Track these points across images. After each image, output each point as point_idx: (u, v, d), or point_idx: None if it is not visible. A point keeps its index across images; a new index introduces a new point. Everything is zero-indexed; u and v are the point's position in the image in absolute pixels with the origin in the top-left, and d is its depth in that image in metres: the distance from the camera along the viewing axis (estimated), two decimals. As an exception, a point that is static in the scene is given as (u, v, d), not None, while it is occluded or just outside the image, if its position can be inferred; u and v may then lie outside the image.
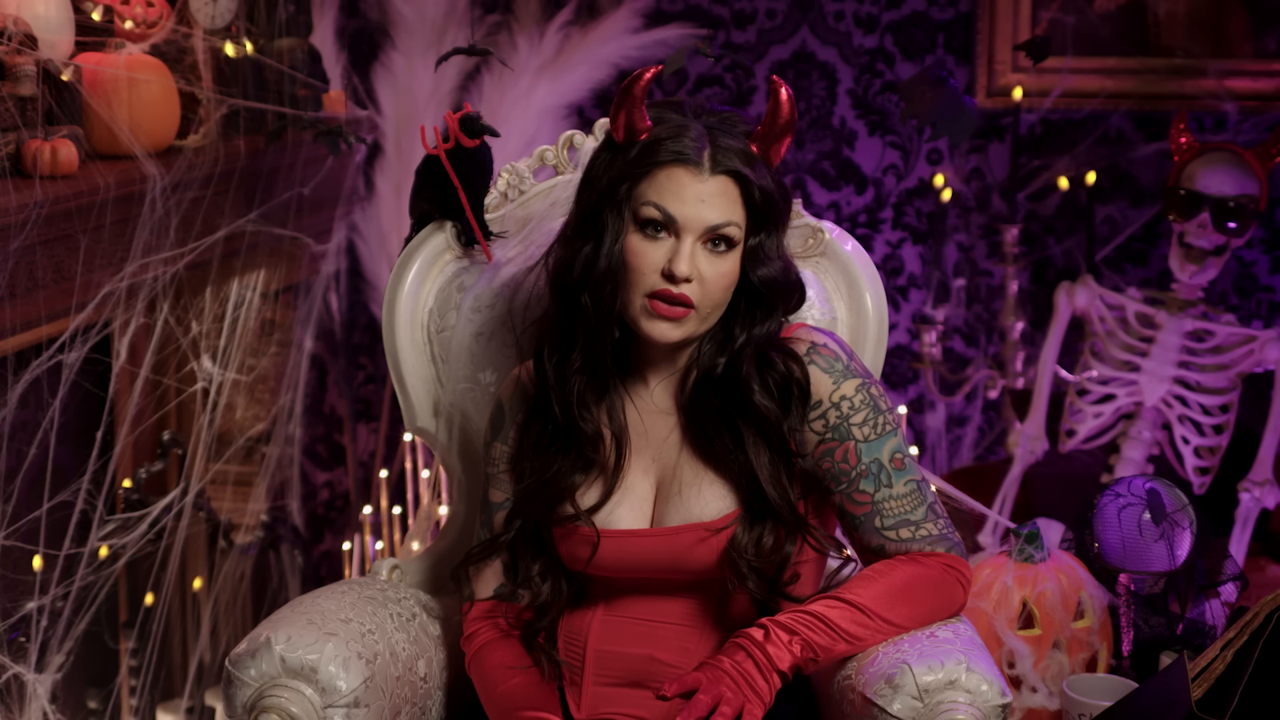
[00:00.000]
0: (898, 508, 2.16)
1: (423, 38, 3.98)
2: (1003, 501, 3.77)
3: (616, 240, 2.12)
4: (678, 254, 2.09)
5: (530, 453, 2.23)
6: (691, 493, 2.17)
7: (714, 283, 2.11)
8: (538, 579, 2.24)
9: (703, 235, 2.10)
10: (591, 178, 2.18)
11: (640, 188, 2.11)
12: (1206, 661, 2.31)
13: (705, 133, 2.12)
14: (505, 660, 2.23)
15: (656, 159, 2.10)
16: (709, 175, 2.10)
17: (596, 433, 2.19)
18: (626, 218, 2.12)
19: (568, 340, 2.18)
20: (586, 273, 2.13)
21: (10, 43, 2.76)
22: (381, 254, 4.06)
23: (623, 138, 2.14)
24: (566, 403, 2.18)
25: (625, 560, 2.19)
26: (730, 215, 2.11)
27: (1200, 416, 3.65)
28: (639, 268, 2.11)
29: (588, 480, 2.20)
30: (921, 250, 4.30)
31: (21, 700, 2.89)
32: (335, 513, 4.55)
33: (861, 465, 2.15)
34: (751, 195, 2.12)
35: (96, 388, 3.10)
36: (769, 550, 2.12)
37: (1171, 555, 2.73)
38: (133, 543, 3.15)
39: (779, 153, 2.15)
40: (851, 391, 2.16)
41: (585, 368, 2.17)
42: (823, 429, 2.16)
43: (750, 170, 2.11)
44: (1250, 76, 4.07)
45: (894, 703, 2.03)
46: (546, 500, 2.20)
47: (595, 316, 2.14)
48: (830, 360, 2.17)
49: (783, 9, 4.25)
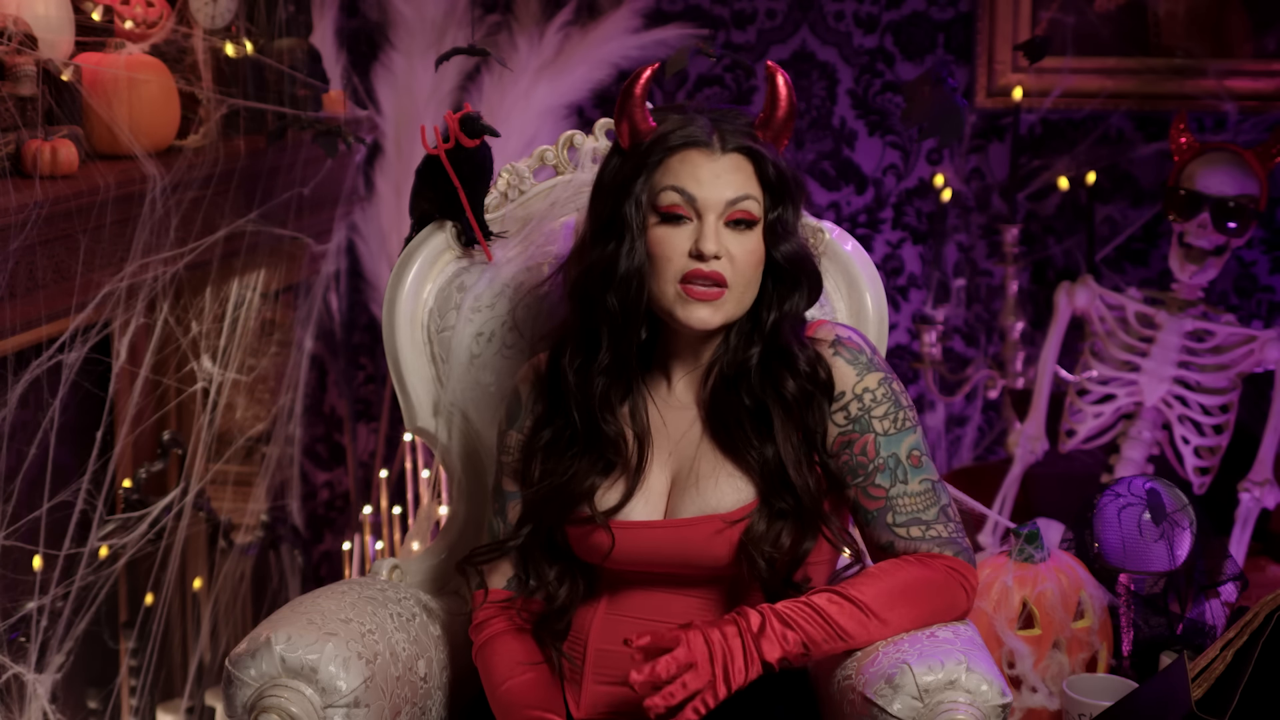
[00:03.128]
0: (911, 505, 2.16)
1: (423, 38, 3.98)
2: (1003, 501, 3.77)
3: (639, 236, 2.12)
4: (703, 233, 2.10)
5: (541, 456, 2.23)
6: (709, 484, 2.17)
7: (743, 259, 2.11)
8: (554, 583, 2.24)
9: (724, 213, 2.11)
10: (604, 183, 2.18)
11: (656, 177, 2.12)
12: (1206, 661, 2.31)
13: (710, 121, 2.14)
14: (515, 655, 2.22)
15: (668, 145, 2.12)
16: (721, 154, 2.12)
17: (619, 434, 2.19)
18: (646, 211, 2.13)
19: (592, 343, 2.17)
20: (610, 273, 2.13)
21: (10, 43, 2.76)
22: (381, 254, 4.06)
23: (629, 141, 2.16)
24: (588, 405, 2.17)
25: (638, 553, 2.18)
26: (747, 189, 2.12)
27: (1200, 416, 3.64)
28: (667, 255, 2.11)
29: (607, 481, 2.20)
30: (921, 250, 4.30)
31: (21, 700, 2.89)
32: (335, 513, 4.55)
33: (879, 459, 2.16)
34: (765, 170, 2.13)
35: (96, 388, 3.10)
36: (786, 544, 2.12)
37: (1171, 555, 2.73)
38: (133, 543, 3.15)
39: (783, 140, 2.17)
40: (874, 384, 2.17)
41: (611, 368, 2.17)
42: (844, 420, 2.16)
43: (762, 147, 2.13)
44: (1250, 76, 4.07)
45: (894, 703, 2.03)
46: (563, 503, 2.20)
47: (623, 315, 2.14)
48: (855, 353, 2.18)
49: (783, 9, 4.25)
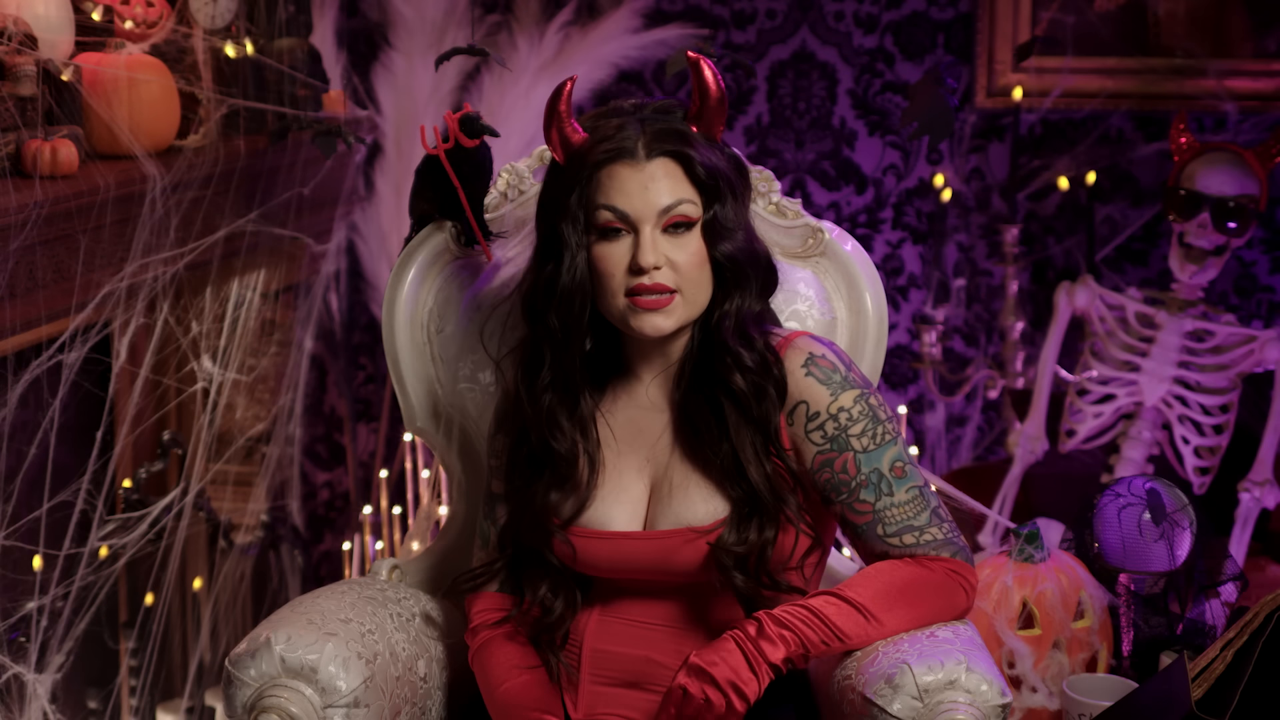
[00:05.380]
0: (900, 515, 2.16)
1: (423, 38, 3.98)
2: (1003, 501, 3.77)
3: (578, 253, 2.14)
4: (640, 246, 2.11)
5: (517, 472, 2.24)
6: (680, 495, 2.17)
7: (685, 263, 2.12)
8: (549, 595, 2.25)
9: (659, 222, 2.11)
10: (543, 201, 2.20)
11: (588, 194, 2.14)
12: (1206, 661, 2.31)
13: (639, 124, 2.14)
14: (512, 658, 2.23)
15: (594, 161, 2.13)
16: (646, 161, 2.12)
17: (570, 450, 2.19)
18: (583, 228, 2.14)
19: (537, 360, 2.19)
20: (550, 291, 2.15)
21: (10, 43, 2.76)
22: (381, 254, 4.06)
23: (562, 155, 2.17)
24: (538, 422, 2.19)
25: (616, 561, 2.20)
26: (678, 194, 2.12)
27: (1200, 416, 3.64)
28: (609, 271, 2.13)
29: (563, 495, 2.21)
30: (921, 250, 4.30)
31: (21, 700, 2.89)
32: (335, 513, 4.55)
33: (861, 475, 2.15)
34: (695, 171, 2.13)
35: (96, 388, 3.09)
36: (753, 539, 2.12)
37: (1171, 555, 2.73)
38: (133, 543, 3.15)
39: (718, 128, 2.17)
40: (850, 403, 2.15)
41: (555, 383, 2.19)
42: (821, 439, 2.15)
43: (688, 147, 2.13)
44: (1250, 76, 4.07)
45: (894, 703, 2.03)
46: (531, 522, 2.22)
47: (563, 332, 2.16)
48: (828, 371, 2.16)
49: (783, 9, 4.25)
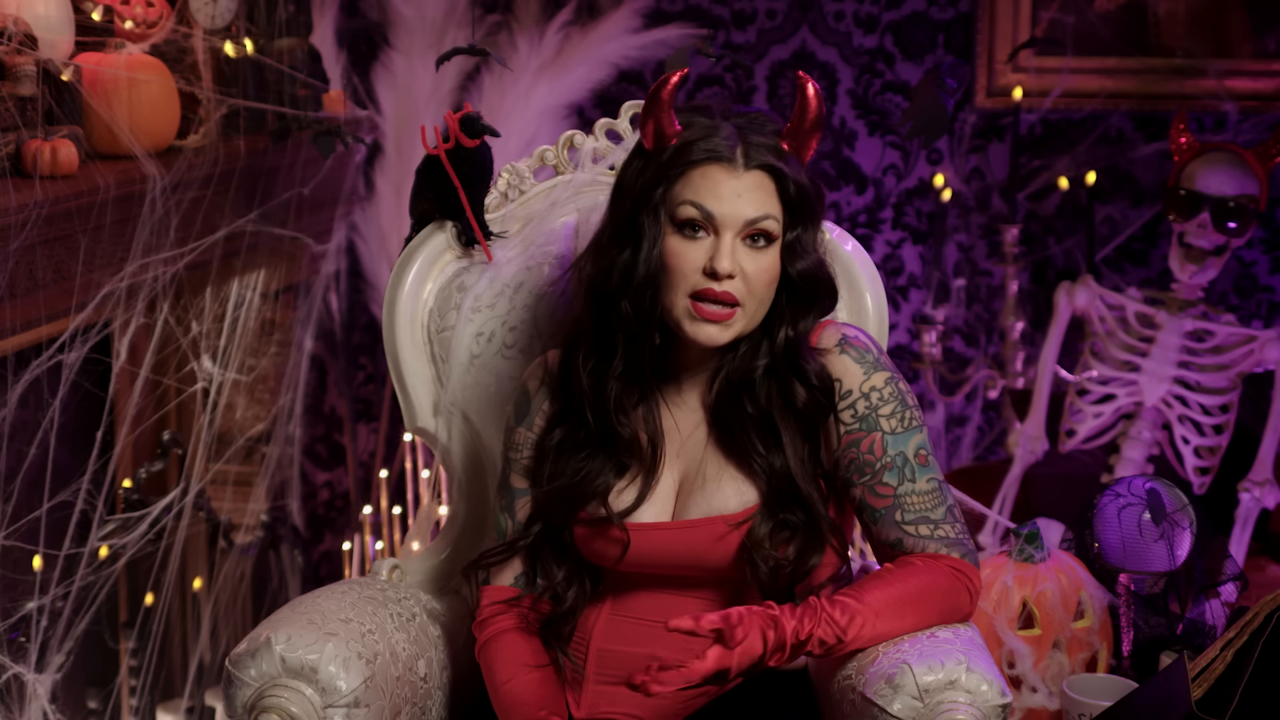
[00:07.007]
0: (919, 503, 2.16)
1: (423, 38, 3.98)
2: (1003, 501, 3.77)
3: (655, 245, 2.12)
4: (719, 251, 2.09)
5: (554, 455, 2.23)
6: (714, 486, 2.17)
7: (756, 278, 2.11)
8: (562, 584, 2.24)
9: (741, 231, 2.10)
10: (624, 185, 2.17)
11: (676, 189, 2.12)
12: (1206, 661, 2.31)
13: (736, 131, 2.13)
14: (519, 654, 2.23)
15: (690, 159, 2.11)
16: (744, 171, 2.11)
17: (634, 436, 2.19)
18: (664, 221, 2.12)
19: (606, 347, 2.17)
20: (626, 279, 2.13)
21: (10, 43, 2.76)
22: (381, 254, 4.06)
23: (653, 144, 2.15)
24: (603, 408, 2.18)
25: (646, 554, 2.19)
26: (767, 209, 2.11)
27: (1200, 416, 3.64)
28: (680, 268, 2.11)
29: (621, 483, 2.20)
30: (921, 250, 4.30)
31: (21, 700, 2.89)
32: (335, 513, 4.55)
33: (887, 457, 2.15)
34: (787, 189, 2.12)
35: (96, 388, 3.09)
36: (791, 554, 2.12)
37: (1171, 555, 2.73)
38: (133, 543, 3.15)
39: (810, 149, 2.16)
40: (881, 383, 2.16)
41: (625, 374, 2.17)
42: (851, 419, 2.16)
43: (784, 164, 2.12)
44: (1250, 76, 4.07)
45: (894, 703, 2.03)
46: (574, 501, 2.20)
47: (636, 323, 2.14)
48: (861, 352, 2.18)
49: (783, 9, 4.25)
